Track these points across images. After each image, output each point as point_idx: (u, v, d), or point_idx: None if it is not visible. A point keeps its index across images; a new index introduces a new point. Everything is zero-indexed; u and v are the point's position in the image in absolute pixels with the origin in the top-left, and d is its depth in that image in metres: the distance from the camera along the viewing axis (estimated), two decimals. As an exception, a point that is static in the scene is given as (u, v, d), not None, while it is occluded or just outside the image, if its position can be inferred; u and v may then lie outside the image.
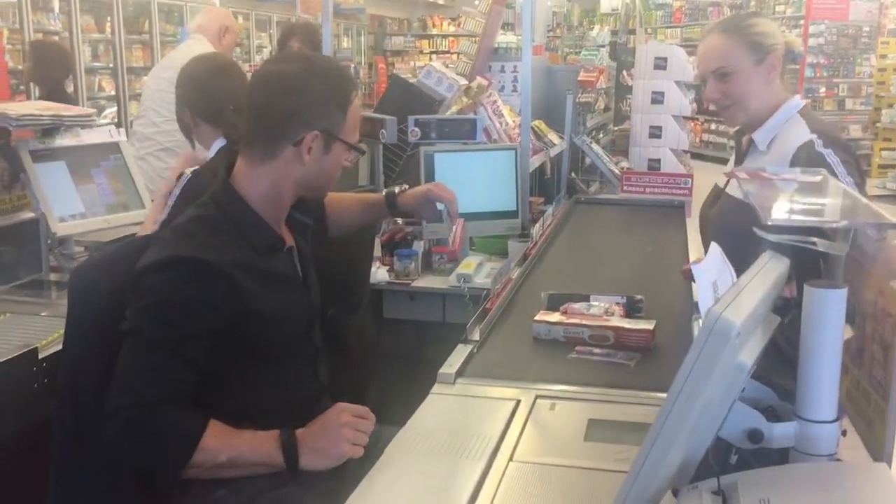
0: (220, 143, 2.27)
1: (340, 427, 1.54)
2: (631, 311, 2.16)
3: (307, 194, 1.75)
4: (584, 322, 2.05)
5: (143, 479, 1.60)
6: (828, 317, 1.03)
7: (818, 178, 1.49)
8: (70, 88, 4.97)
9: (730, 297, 0.98)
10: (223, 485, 1.55)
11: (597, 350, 1.98)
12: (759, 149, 2.10)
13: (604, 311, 2.12)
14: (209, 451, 1.47)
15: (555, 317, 2.10)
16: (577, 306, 2.15)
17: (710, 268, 1.12)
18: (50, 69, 4.66)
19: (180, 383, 1.50)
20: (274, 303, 1.60)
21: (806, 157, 1.90)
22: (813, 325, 1.05)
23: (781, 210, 1.18)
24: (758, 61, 2.05)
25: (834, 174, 1.82)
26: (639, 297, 2.20)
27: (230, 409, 1.55)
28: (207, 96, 2.28)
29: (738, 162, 2.22)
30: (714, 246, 1.16)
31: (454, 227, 2.16)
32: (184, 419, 1.48)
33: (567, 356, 1.96)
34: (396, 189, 2.22)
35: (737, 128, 2.28)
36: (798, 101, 2.10)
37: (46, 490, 1.62)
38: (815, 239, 1.24)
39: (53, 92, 4.46)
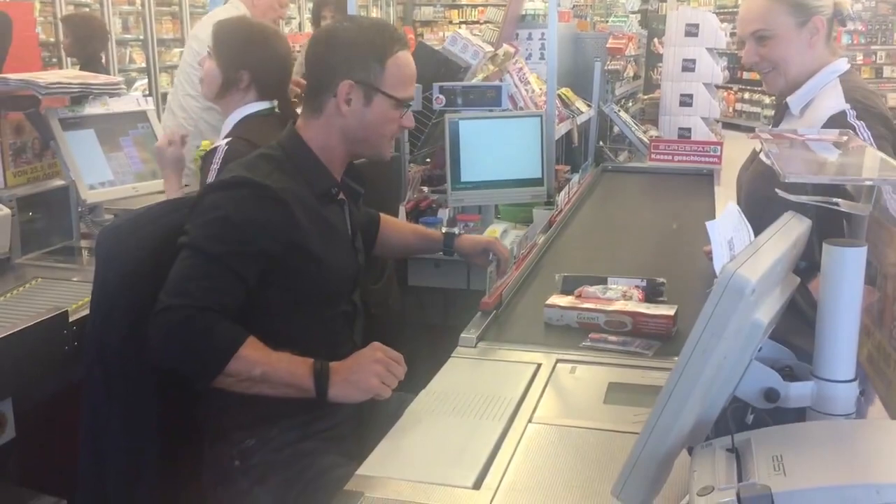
0: (243, 110, 2.24)
1: (373, 363, 1.58)
2: (652, 294, 2.05)
3: (361, 152, 1.79)
4: (600, 307, 1.93)
5: (167, 437, 1.64)
6: (846, 275, 1.02)
7: (843, 138, 1.47)
8: (103, 60, 5.00)
9: (746, 254, 0.97)
10: (252, 434, 1.59)
11: (612, 338, 1.86)
12: (792, 113, 2.05)
13: (621, 294, 2.01)
14: (246, 361, 1.52)
15: (567, 301, 1.99)
16: (592, 289, 2.03)
17: (725, 225, 1.11)
18: (87, 43, 4.69)
19: (228, 296, 1.56)
20: (323, 246, 1.68)
21: (836, 128, 1.85)
22: (832, 284, 1.04)
23: (802, 168, 1.17)
24: (800, 24, 1.98)
25: None
26: (660, 279, 2.08)
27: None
28: (275, 63, 2.25)
29: (775, 126, 2.17)
30: (731, 204, 1.15)
31: (498, 282, 2.12)
32: (226, 326, 1.54)
33: (580, 344, 1.84)
34: (456, 230, 2.29)
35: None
36: (841, 64, 2.02)
37: (79, 447, 1.67)
38: (837, 199, 1.23)
39: (88, 64, 4.50)
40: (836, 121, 1.87)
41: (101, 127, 2.60)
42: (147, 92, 7.92)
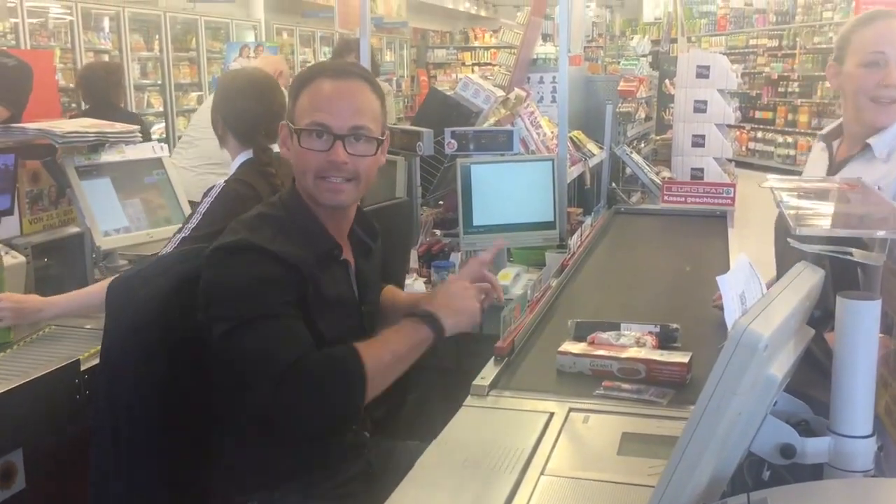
0: (243, 156, 2.31)
1: (466, 288, 1.61)
2: (665, 341, 2.01)
3: (313, 200, 1.67)
4: (613, 354, 1.89)
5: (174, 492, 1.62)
6: (861, 328, 1.01)
7: (861, 186, 1.46)
8: (121, 103, 5.08)
9: (758, 308, 0.96)
10: (253, 497, 1.57)
11: (626, 385, 1.80)
12: (875, 156, 1.96)
13: (635, 340, 1.97)
14: (374, 357, 1.50)
15: (580, 347, 1.95)
16: (605, 336, 2.00)
17: (736, 278, 1.10)
18: (94, 87, 4.76)
19: (302, 336, 1.50)
20: (325, 315, 1.59)
21: None
22: (846, 337, 1.02)
23: (815, 219, 1.16)
24: None
25: None
26: (674, 325, 2.04)
27: None
28: (240, 115, 2.30)
29: (835, 170, 2.06)
30: (742, 256, 1.14)
31: (511, 326, 2.05)
32: (334, 350, 1.51)
33: (593, 392, 1.80)
34: None
35: (827, 129, 2.17)
36: None
37: (88, 500, 1.66)
38: (851, 249, 1.22)
39: (97, 108, 4.56)
40: None
41: (116, 174, 2.63)
42: (164, 135, 8.04)
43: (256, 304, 1.49)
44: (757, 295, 1.15)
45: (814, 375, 1.23)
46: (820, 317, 1.29)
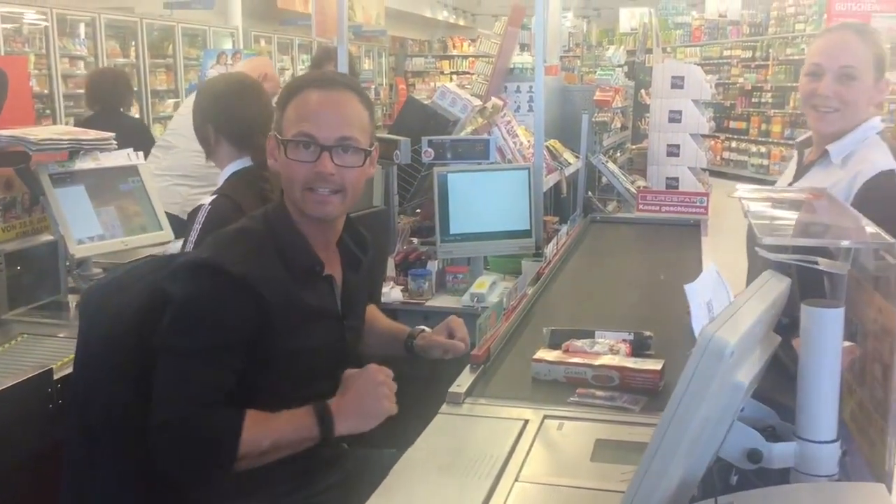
0: (233, 166, 2.27)
1: (378, 386, 1.55)
2: (639, 348, 2.03)
3: (304, 212, 1.65)
4: (587, 361, 1.90)
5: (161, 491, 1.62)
6: (825, 336, 1.03)
7: (826, 196, 1.49)
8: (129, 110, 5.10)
9: (725, 316, 0.98)
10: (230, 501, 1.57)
11: (599, 393, 1.82)
12: (831, 162, 2.03)
13: (609, 348, 1.98)
14: (252, 442, 1.49)
15: (555, 355, 1.96)
16: (579, 343, 2.01)
17: (704, 287, 1.12)
18: (100, 93, 4.71)
19: (215, 390, 1.51)
20: (298, 333, 1.59)
21: (880, 187, 1.86)
22: (811, 344, 1.05)
23: (781, 229, 1.18)
24: (876, 79, 2.00)
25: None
26: (647, 333, 2.06)
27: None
28: (235, 117, 2.24)
29: (801, 174, 2.15)
30: (711, 266, 1.16)
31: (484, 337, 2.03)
32: (222, 419, 1.50)
33: (567, 399, 1.81)
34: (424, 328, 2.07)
35: (802, 138, 2.23)
36: (878, 122, 2.04)
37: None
38: (817, 258, 1.25)
39: (102, 113, 4.57)
40: (885, 177, 1.88)
41: (91, 182, 2.62)
42: (140, 143, 7.97)
43: (199, 338, 1.50)
44: (724, 303, 1.17)
45: (781, 381, 1.25)
46: (787, 324, 1.31)
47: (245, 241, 1.60)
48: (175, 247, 2.51)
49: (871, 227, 1.20)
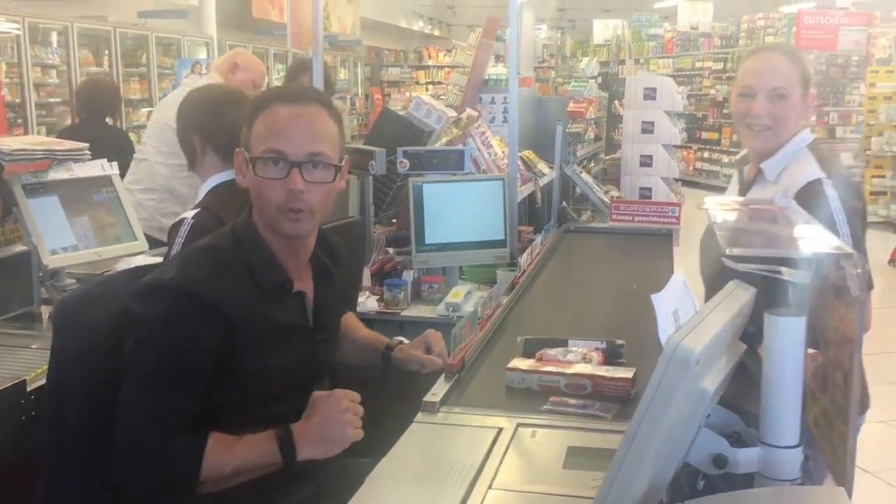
0: (215, 179, 2.25)
1: (343, 413, 1.54)
2: (611, 356, 2.05)
3: (273, 228, 1.63)
4: (560, 370, 1.93)
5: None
6: (787, 344, 1.07)
7: (790, 208, 1.53)
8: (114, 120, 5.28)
9: (691, 325, 1.01)
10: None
11: (572, 401, 1.84)
12: (767, 179, 2.10)
13: (581, 357, 2.01)
14: (214, 467, 1.49)
15: (528, 364, 1.98)
16: (552, 352, 2.03)
17: (670, 297, 1.15)
18: (87, 102, 4.85)
19: (178, 415, 1.50)
20: (271, 349, 1.59)
21: (810, 196, 1.91)
22: (774, 352, 1.08)
23: (745, 239, 1.22)
24: (803, 95, 2.08)
25: (831, 219, 1.85)
26: (619, 342, 2.09)
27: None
28: (226, 126, 2.16)
29: (744, 192, 2.21)
30: (676, 276, 1.19)
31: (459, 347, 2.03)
32: (184, 444, 1.50)
33: (541, 407, 1.83)
34: (401, 339, 2.08)
35: (739, 156, 2.30)
36: (807, 134, 2.11)
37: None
38: (780, 268, 1.28)
39: (88, 121, 4.74)
40: (812, 187, 1.94)
41: (64, 192, 2.61)
42: (113, 152, 7.91)
43: (161, 361, 1.51)
44: (690, 312, 1.20)
45: (746, 389, 1.29)
46: (753, 333, 1.34)
47: (212, 259, 1.58)
48: (143, 259, 2.51)
49: (832, 238, 1.24)
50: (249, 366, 1.57)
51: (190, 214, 2.10)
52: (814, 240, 1.27)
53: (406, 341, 2.02)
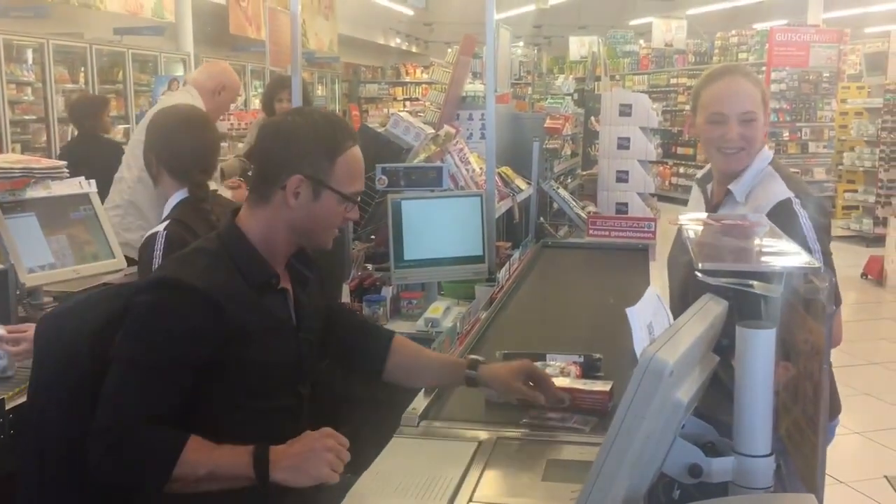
0: (179, 195, 2.31)
1: (325, 451, 1.56)
2: (589, 370, 2.09)
3: (304, 243, 1.79)
4: None
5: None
6: (758, 355, 1.10)
7: (761, 223, 1.57)
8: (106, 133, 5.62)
9: (665, 337, 1.04)
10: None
11: (551, 414, 1.87)
12: (736, 200, 2.14)
13: (559, 370, 2.04)
14: (189, 465, 1.51)
15: None
16: None
17: (644, 310, 1.18)
18: (81, 118, 5.28)
19: (163, 405, 1.55)
20: (259, 342, 1.65)
21: (782, 215, 1.95)
22: (746, 363, 1.11)
23: (718, 254, 1.25)
24: (765, 114, 2.14)
25: (803, 237, 1.90)
26: (597, 355, 2.12)
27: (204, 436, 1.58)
28: (175, 151, 2.32)
29: (712, 212, 2.23)
30: (650, 290, 1.22)
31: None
32: (164, 436, 1.53)
33: (520, 420, 1.86)
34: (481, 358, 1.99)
35: (702, 173, 2.35)
36: (767, 152, 2.17)
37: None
38: (752, 281, 1.32)
39: (83, 136, 5.22)
40: (783, 206, 1.99)
41: (42, 210, 2.60)
42: (89, 169, 7.86)
43: (154, 352, 1.55)
44: (664, 324, 1.23)
45: (720, 399, 1.32)
46: (727, 345, 1.38)
47: (202, 258, 1.67)
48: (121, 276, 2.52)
49: (802, 253, 1.28)
50: (239, 358, 1.62)
51: (161, 227, 2.16)
52: (784, 255, 1.30)
53: (481, 360, 1.97)
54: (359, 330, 2.04)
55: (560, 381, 1.96)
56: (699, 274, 1.32)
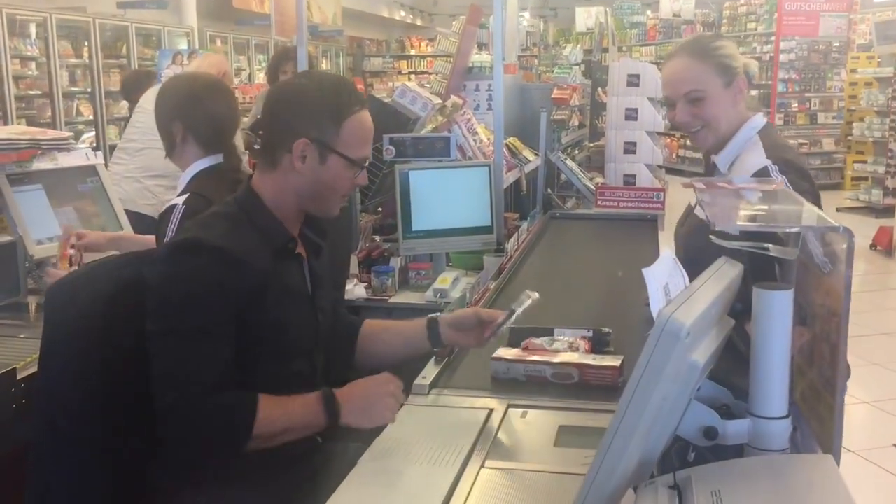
0: (197, 165, 2.26)
1: (387, 396, 1.61)
2: (598, 345, 2.04)
3: (312, 209, 1.77)
4: (546, 359, 1.91)
5: (118, 497, 1.62)
6: (775, 317, 1.08)
7: (772, 186, 1.55)
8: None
9: (681, 299, 1.03)
10: (203, 493, 1.58)
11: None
12: (720, 171, 2.12)
13: (568, 345, 1.99)
14: (266, 422, 1.55)
15: (514, 353, 1.95)
16: (538, 341, 2.01)
17: (661, 272, 1.16)
18: (130, 93, 5.16)
19: (220, 365, 1.56)
20: (279, 305, 1.66)
21: None
22: (762, 325, 1.10)
23: (733, 216, 1.23)
24: (726, 84, 2.06)
25: None
26: (606, 329, 2.07)
27: None
28: (207, 116, 2.23)
29: None
30: (666, 252, 1.21)
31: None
32: (236, 399, 1.55)
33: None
34: (437, 314, 1.99)
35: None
36: (758, 120, 2.10)
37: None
38: (767, 244, 1.30)
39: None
40: (760, 175, 1.93)
41: (49, 182, 2.60)
42: (95, 144, 7.87)
43: (193, 316, 1.55)
44: (680, 287, 1.21)
45: (735, 364, 1.31)
46: (741, 309, 1.36)
47: (222, 220, 1.67)
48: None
49: (818, 213, 1.26)
50: (258, 320, 1.63)
51: (180, 200, 2.12)
52: (801, 215, 1.29)
53: (441, 314, 1.99)
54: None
55: (568, 357, 1.93)
56: (713, 237, 1.31)
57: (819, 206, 1.97)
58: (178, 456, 1.57)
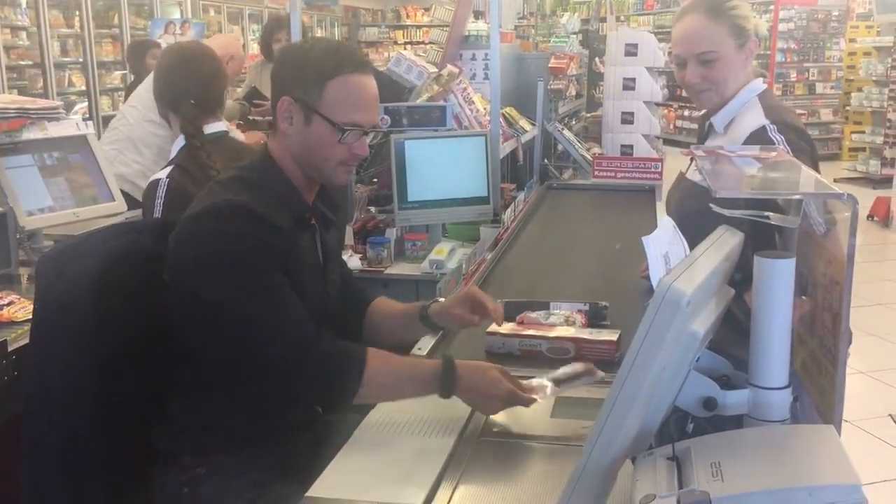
0: (182, 137, 2.28)
1: (497, 400, 1.56)
2: (595, 319, 2.01)
3: (315, 176, 1.72)
4: (542, 333, 1.88)
5: (113, 466, 1.61)
6: (777, 285, 1.06)
7: (772, 154, 1.52)
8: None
9: (681, 268, 1.01)
10: (204, 461, 1.57)
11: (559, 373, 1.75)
12: (716, 131, 2.11)
13: (564, 319, 1.97)
14: (376, 371, 1.57)
15: (509, 328, 1.92)
16: (534, 315, 1.99)
17: (660, 240, 1.14)
18: (133, 62, 5.39)
19: (307, 315, 1.58)
20: (296, 274, 1.65)
21: (757, 143, 1.88)
22: (763, 294, 1.08)
23: (733, 184, 1.21)
24: (739, 46, 2.02)
25: None
26: (603, 303, 2.05)
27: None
28: (170, 83, 2.31)
29: (700, 143, 2.22)
30: (666, 219, 1.18)
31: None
32: (346, 350, 1.59)
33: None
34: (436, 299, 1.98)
35: (703, 111, 2.30)
36: (759, 84, 2.07)
37: (20, 482, 1.62)
38: (768, 213, 1.28)
39: (138, 80, 4.93)
40: (757, 135, 1.93)
41: (39, 152, 2.56)
42: (87, 115, 7.79)
43: (254, 278, 1.55)
44: (680, 255, 1.19)
45: (734, 335, 1.29)
46: (741, 279, 1.34)
47: (247, 187, 1.65)
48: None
49: (819, 180, 1.23)
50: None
51: (164, 174, 2.12)
52: (801, 182, 1.26)
53: (442, 300, 1.96)
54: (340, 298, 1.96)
55: (564, 331, 1.91)
56: (713, 206, 1.28)
57: (817, 168, 1.96)
58: (288, 408, 1.61)
